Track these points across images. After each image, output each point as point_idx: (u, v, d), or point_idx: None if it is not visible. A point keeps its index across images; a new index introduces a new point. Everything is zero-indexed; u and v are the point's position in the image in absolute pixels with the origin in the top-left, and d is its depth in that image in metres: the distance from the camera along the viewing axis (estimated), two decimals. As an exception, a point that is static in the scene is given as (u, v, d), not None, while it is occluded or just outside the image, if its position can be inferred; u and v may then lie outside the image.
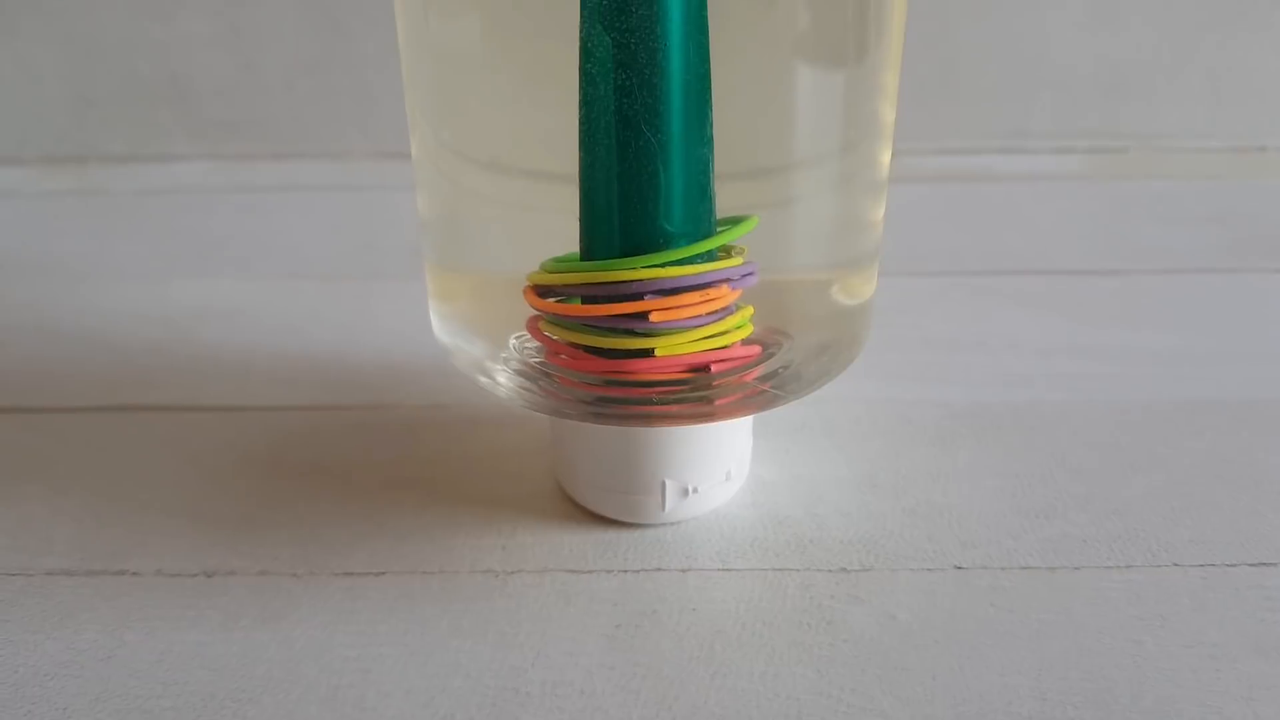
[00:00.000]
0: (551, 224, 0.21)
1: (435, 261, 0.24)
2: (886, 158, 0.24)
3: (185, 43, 0.41)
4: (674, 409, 0.19)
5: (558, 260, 0.21)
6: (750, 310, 0.20)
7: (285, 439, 0.26)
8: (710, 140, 0.19)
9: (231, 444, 0.25)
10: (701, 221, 0.19)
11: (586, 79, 0.19)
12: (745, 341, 0.20)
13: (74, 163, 0.43)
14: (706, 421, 0.20)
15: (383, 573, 0.21)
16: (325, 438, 0.26)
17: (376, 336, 0.30)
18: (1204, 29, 0.41)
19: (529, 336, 0.21)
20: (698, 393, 0.20)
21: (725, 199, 0.20)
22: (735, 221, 0.20)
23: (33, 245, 0.37)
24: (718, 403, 0.20)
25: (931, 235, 0.36)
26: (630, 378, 0.19)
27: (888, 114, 0.24)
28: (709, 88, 0.19)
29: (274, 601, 0.20)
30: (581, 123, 0.19)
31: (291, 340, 0.30)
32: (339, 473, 0.24)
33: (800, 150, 0.22)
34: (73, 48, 0.41)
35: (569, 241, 0.20)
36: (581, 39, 0.18)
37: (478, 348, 0.22)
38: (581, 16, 0.18)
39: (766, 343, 0.21)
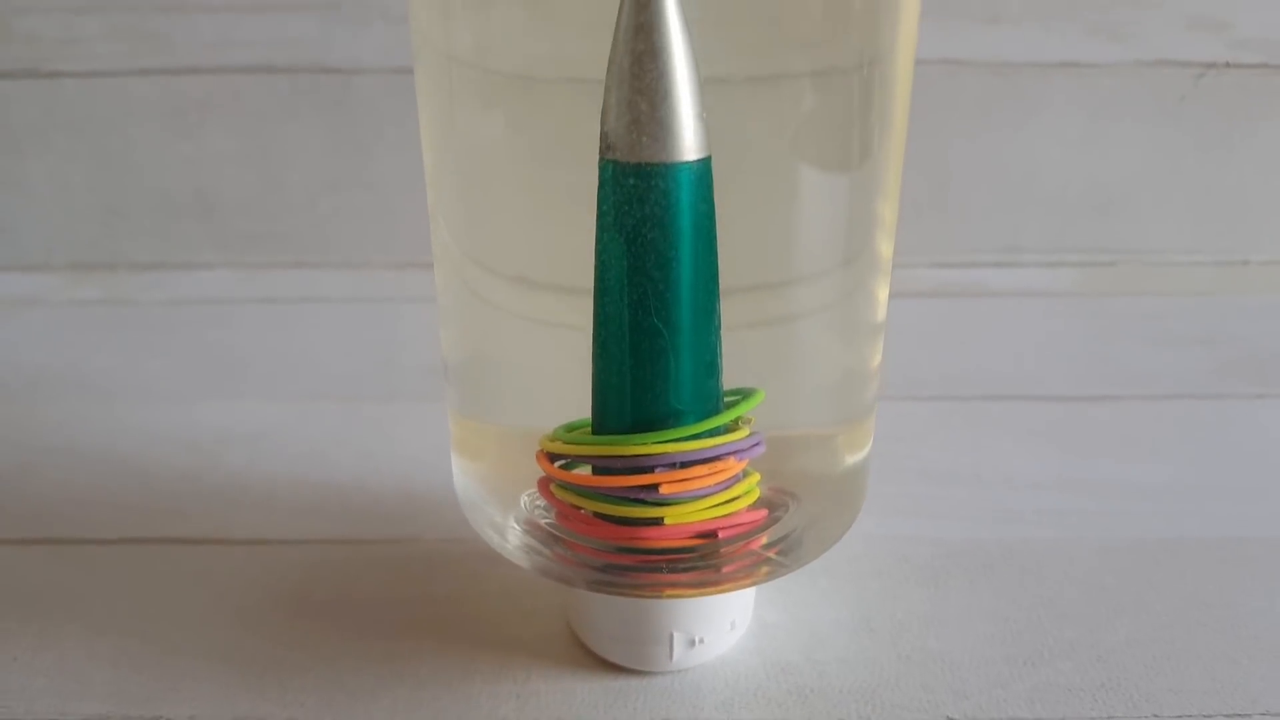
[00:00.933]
0: (571, 376, 0.22)
1: (456, 408, 0.25)
2: (884, 295, 0.26)
3: (213, 159, 0.43)
4: (682, 577, 0.21)
5: (570, 427, 0.22)
6: (757, 477, 0.22)
7: (310, 575, 0.27)
8: (718, 328, 0.21)
9: (258, 581, 0.27)
10: (710, 398, 0.21)
11: (601, 270, 0.20)
12: (751, 505, 0.22)
13: (102, 270, 0.44)
14: (713, 590, 0.21)
15: (405, 722, 0.22)
16: (348, 574, 0.27)
17: (396, 462, 0.32)
18: (1187, 150, 0.43)
19: (539, 495, 0.22)
20: (706, 561, 0.21)
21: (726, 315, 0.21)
22: (742, 394, 0.22)
23: (63, 359, 0.39)
24: (724, 570, 0.21)
25: (928, 355, 0.38)
26: (639, 545, 0.21)
27: (885, 248, 0.26)
28: (717, 282, 0.20)
29: (302, 752, 0.22)
30: (596, 306, 0.21)
31: (314, 467, 0.32)
32: (362, 612, 0.25)
33: (799, 296, 0.24)
34: (103, 162, 0.43)
35: (585, 396, 0.22)
36: (597, 237, 0.20)
37: (490, 503, 0.24)
38: (597, 218, 0.20)
39: (773, 504, 0.22)
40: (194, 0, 0.41)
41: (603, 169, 0.19)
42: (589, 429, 0.22)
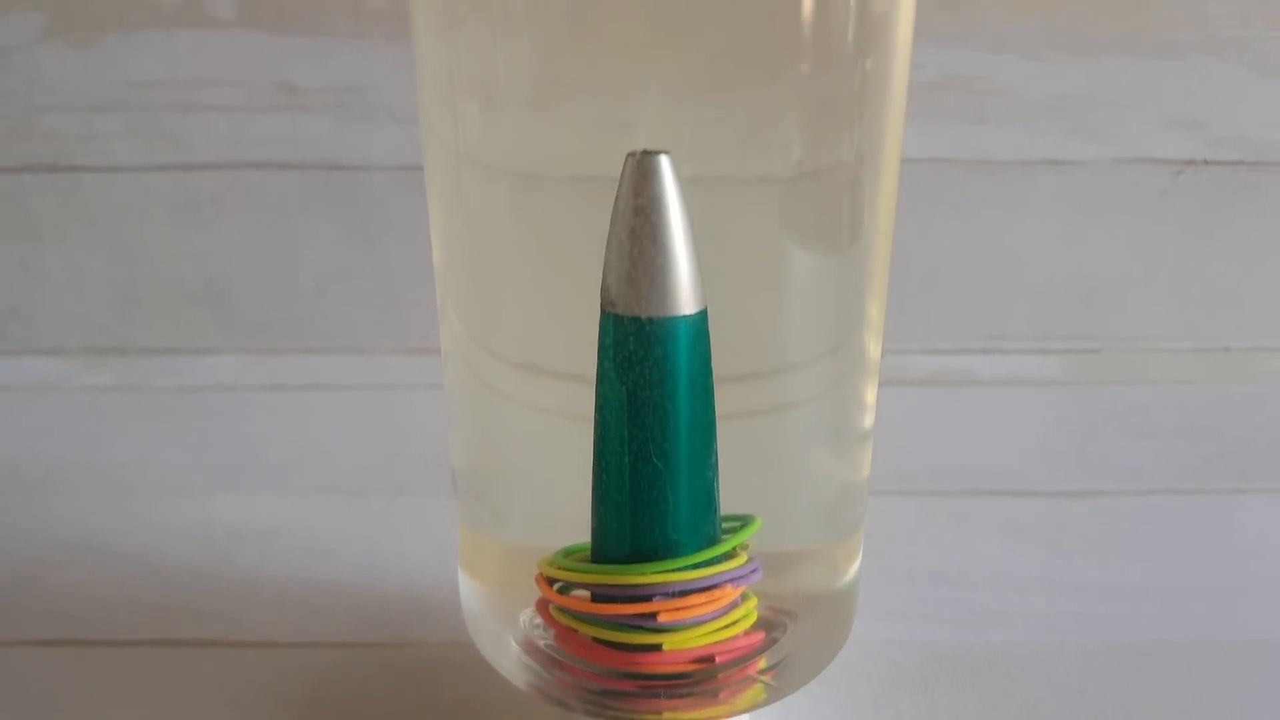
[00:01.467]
0: (575, 485, 0.23)
1: (461, 519, 0.26)
2: (873, 398, 0.27)
3: (225, 250, 0.44)
4: (680, 703, 0.22)
5: (568, 552, 0.23)
6: (754, 601, 0.23)
7: (319, 680, 0.28)
8: (715, 463, 0.22)
9: (270, 686, 0.28)
10: (707, 528, 0.22)
11: (601, 413, 0.21)
12: (749, 628, 0.23)
13: (115, 355, 0.45)
14: (711, 714, 0.22)
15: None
16: (355, 679, 0.28)
17: (402, 560, 0.33)
18: (1168, 242, 0.44)
19: (538, 615, 0.24)
20: (703, 687, 0.22)
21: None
22: (741, 521, 0.23)
23: (78, 448, 0.40)
24: (722, 695, 0.22)
25: (917, 446, 0.39)
26: (638, 670, 0.22)
27: (874, 348, 0.27)
28: (714, 423, 0.21)
29: None
30: (596, 439, 0.22)
31: (324, 564, 0.33)
32: (370, 720, 0.27)
33: (790, 391, 0.25)
34: (119, 252, 0.44)
35: (587, 512, 0.23)
36: (597, 383, 0.21)
37: (490, 619, 0.25)
38: (598, 364, 0.21)
39: (771, 624, 0.24)
40: (209, 100, 0.42)
41: (603, 321, 0.21)
42: (588, 554, 0.23)
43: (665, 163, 0.20)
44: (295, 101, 0.42)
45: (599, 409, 0.21)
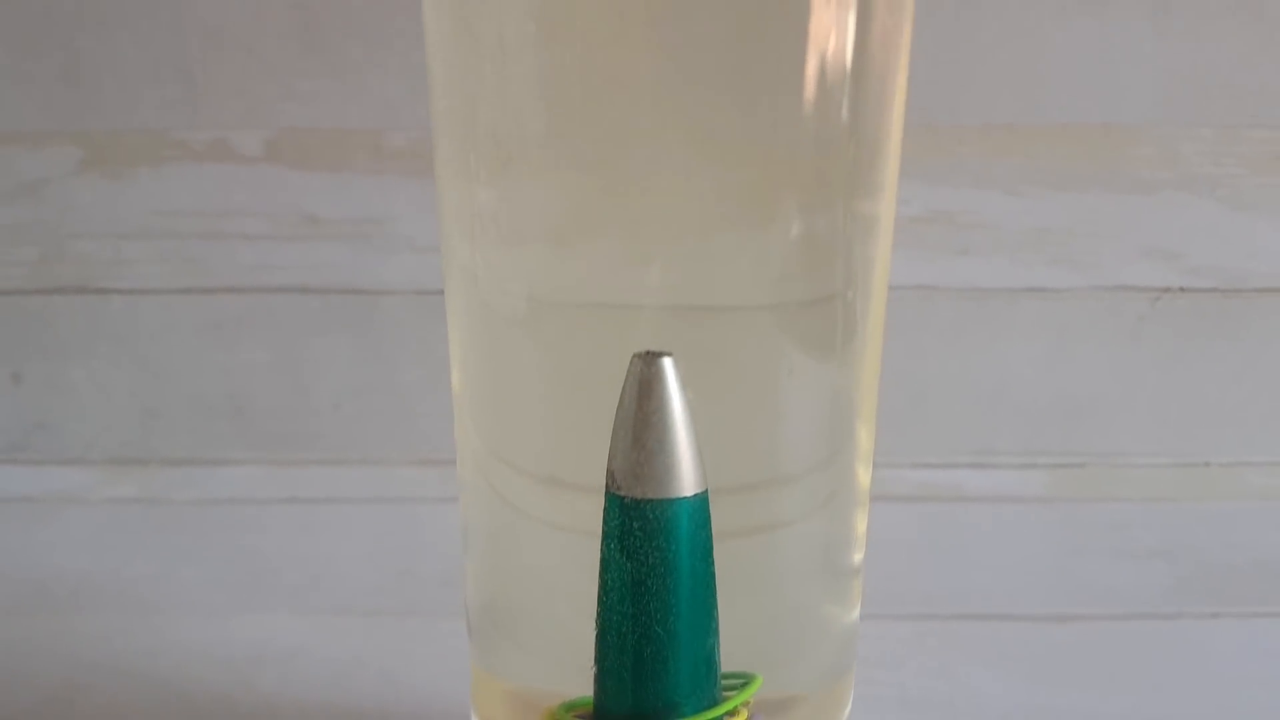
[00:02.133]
0: (585, 624, 0.25)
1: (475, 662, 0.28)
2: (862, 529, 0.29)
3: (246, 368, 0.46)
4: None
5: (570, 705, 0.25)
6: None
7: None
8: (716, 630, 0.24)
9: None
10: (708, 689, 0.24)
11: (605, 582, 0.23)
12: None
13: (137, 466, 0.47)
14: None
15: None
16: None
17: (414, 686, 0.34)
18: (1147, 365, 0.46)
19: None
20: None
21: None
22: (742, 679, 0.25)
23: (101, 564, 0.42)
24: None
25: (907, 567, 0.41)
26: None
27: (864, 476, 0.29)
28: (714, 594, 0.23)
29: None
30: (600, 605, 0.24)
31: (339, 690, 0.34)
32: None
33: (783, 513, 0.26)
34: (143, 369, 0.46)
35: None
36: (601, 553, 0.23)
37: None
38: (603, 537, 0.23)
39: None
40: (234, 229, 0.45)
41: (608, 501, 0.23)
42: (590, 706, 0.24)
43: (669, 365, 0.22)
44: (317, 231, 0.45)
45: (602, 578, 0.23)
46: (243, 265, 0.45)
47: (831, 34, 0.23)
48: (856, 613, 0.28)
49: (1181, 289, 0.46)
